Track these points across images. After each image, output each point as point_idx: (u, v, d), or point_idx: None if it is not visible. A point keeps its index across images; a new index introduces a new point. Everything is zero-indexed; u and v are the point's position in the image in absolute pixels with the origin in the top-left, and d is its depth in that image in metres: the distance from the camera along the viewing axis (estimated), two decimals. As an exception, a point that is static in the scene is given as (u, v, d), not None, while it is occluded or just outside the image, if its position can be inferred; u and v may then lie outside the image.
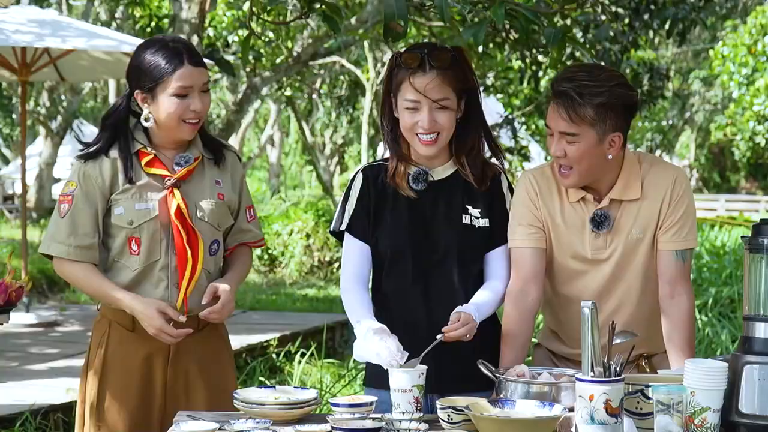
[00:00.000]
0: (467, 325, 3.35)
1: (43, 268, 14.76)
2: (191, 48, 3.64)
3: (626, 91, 3.37)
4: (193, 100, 3.58)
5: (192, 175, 3.68)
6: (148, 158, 3.65)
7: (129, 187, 3.62)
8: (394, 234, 3.58)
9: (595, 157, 3.38)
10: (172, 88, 3.56)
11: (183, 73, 3.56)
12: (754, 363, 2.92)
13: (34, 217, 23.87)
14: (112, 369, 3.67)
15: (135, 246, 3.63)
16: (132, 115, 3.70)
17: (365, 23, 11.38)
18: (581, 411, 2.81)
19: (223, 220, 3.73)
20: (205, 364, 3.71)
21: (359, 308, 3.52)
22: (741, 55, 29.61)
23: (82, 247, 3.63)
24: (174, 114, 3.58)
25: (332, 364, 9.32)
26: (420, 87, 3.47)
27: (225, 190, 3.73)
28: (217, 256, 3.74)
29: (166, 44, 3.60)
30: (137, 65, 3.62)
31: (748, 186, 45.60)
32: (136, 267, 3.64)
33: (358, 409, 3.14)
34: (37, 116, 24.10)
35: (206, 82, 3.63)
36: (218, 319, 3.65)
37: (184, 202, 3.62)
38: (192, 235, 3.62)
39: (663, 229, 3.45)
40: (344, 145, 40.20)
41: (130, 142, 3.66)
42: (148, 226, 3.61)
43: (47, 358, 9.12)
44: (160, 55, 3.57)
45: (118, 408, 3.64)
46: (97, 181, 3.63)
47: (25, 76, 10.71)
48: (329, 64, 25.63)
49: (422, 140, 3.52)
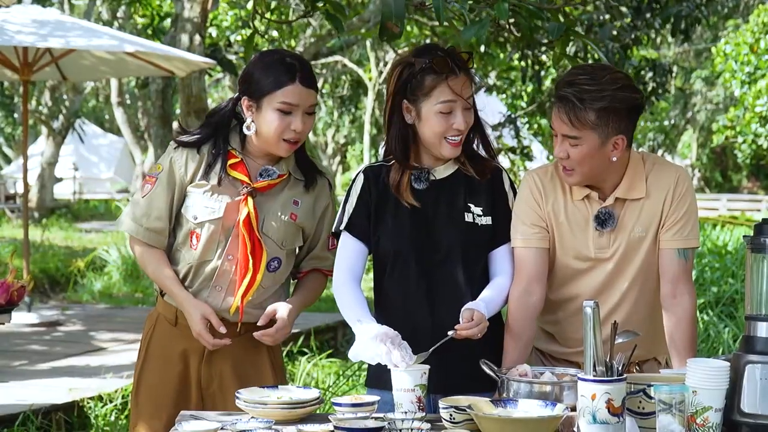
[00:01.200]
0: (480, 325, 3.35)
1: (45, 268, 14.78)
2: (306, 68, 3.62)
3: (629, 93, 3.36)
4: (295, 119, 3.58)
5: (272, 190, 3.69)
6: (234, 161, 3.67)
7: (205, 183, 3.66)
8: (396, 234, 3.58)
9: (598, 159, 3.38)
10: (277, 102, 3.56)
11: (291, 90, 3.56)
12: (756, 362, 2.92)
13: (36, 216, 23.90)
14: (152, 361, 3.79)
15: (195, 241, 3.67)
16: (234, 118, 3.72)
17: (367, 22, 11.37)
18: (583, 410, 2.81)
19: (289, 239, 3.72)
20: (240, 367, 3.72)
21: (356, 307, 3.51)
22: (743, 53, 29.59)
23: (151, 230, 3.70)
24: (275, 129, 3.58)
25: (334, 364, 9.33)
26: (457, 89, 3.50)
27: (301, 212, 3.72)
28: (276, 273, 3.73)
29: (283, 58, 3.61)
30: (251, 72, 3.63)
31: (750, 186, 45.62)
32: (191, 261, 3.69)
33: (361, 409, 3.14)
34: (39, 116, 24.12)
35: (313, 105, 3.63)
36: (271, 342, 3.67)
37: (255, 213, 3.62)
38: (257, 246, 3.63)
39: (665, 228, 3.46)
40: (346, 144, 40.25)
41: (225, 142, 3.69)
42: (209, 226, 3.65)
43: (49, 357, 9.13)
44: (275, 68, 3.57)
45: (155, 399, 3.72)
46: (181, 170, 3.68)
47: (27, 75, 10.72)
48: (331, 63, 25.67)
49: (451, 142, 3.54)
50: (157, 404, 3.71)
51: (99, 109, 43.30)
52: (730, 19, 31.72)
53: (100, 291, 14.00)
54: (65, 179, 32.89)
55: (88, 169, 36.95)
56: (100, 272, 15.08)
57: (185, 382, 3.73)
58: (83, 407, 7.27)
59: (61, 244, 18.93)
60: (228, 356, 3.71)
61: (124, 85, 19.78)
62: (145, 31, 15.17)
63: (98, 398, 7.40)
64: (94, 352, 9.48)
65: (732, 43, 30.09)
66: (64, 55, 10.78)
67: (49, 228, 22.04)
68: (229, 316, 3.67)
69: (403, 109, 3.56)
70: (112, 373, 8.10)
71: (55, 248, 17.98)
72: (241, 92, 3.67)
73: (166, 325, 3.77)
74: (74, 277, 14.86)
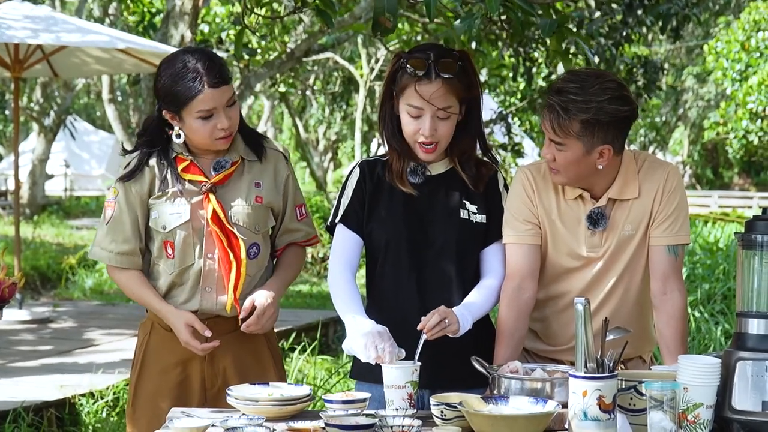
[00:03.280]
0: (443, 314, 3.32)
1: (36, 265, 14.76)
2: (211, 66, 3.54)
3: (617, 105, 3.30)
4: (219, 119, 3.54)
5: (230, 179, 3.67)
6: (185, 164, 3.64)
7: (164, 192, 3.63)
8: (390, 226, 3.57)
9: (584, 166, 3.37)
10: (195, 112, 3.53)
11: (203, 98, 3.51)
12: (747, 359, 2.92)
13: (27, 213, 23.84)
14: (149, 369, 3.74)
15: (170, 250, 3.65)
16: (166, 126, 3.67)
17: (359, 19, 11.36)
18: (574, 407, 2.81)
19: (261, 222, 3.70)
20: (243, 362, 3.71)
21: (350, 302, 3.50)
22: (734, 51, 29.63)
23: (122, 254, 3.67)
24: (202, 134, 3.56)
25: (325, 360, 9.32)
26: (425, 95, 3.45)
27: (265, 192, 3.70)
28: (258, 259, 3.71)
29: (185, 64, 3.53)
30: (162, 84, 3.58)
31: (741, 182, 45.68)
32: (172, 270, 3.66)
33: (352, 406, 3.14)
34: (30, 112, 24.04)
35: (230, 98, 3.57)
36: (258, 330, 3.65)
37: (220, 207, 3.61)
38: (233, 238, 3.62)
39: (655, 225, 3.45)
40: (338, 141, 40.22)
41: (168, 151, 3.66)
42: (180, 232, 3.62)
43: (40, 354, 9.11)
44: (182, 77, 3.51)
45: (153, 408, 3.68)
46: (135, 187, 3.65)
47: (18, 72, 10.70)
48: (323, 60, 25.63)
49: (422, 147, 3.52)
50: (155, 413, 3.66)
51: (90, 106, 43.23)
52: (722, 17, 31.77)
53: (92, 288, 13.99)
54: (56, 176, 32.81)
55: (80, 165, 36.88)
56: (91, 269, 15.06)
57: (186, 388, 3.69)
58: (74, 404, 7.27)
59: (52, 241, 18.91)
60: (228, 352, 3.69)
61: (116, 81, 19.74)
62: (136, 28, 15.13)
63: (89, 395, 7.40)
64: (86, 349, 9.47)
65: (723, 40, 30.13)
66: (56, 51, 10.75)
67: (40, 225, 22.01)
68: (226, 314, 3.66)
69: (393, 99, 3.57)
70: (103, 370, 8.10)
71: (46, 245, 17.96)
72: (159, 105, 3.63)
73: (162, 332, 3.73)
74: (65, 274, 14.85)
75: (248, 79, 12.67)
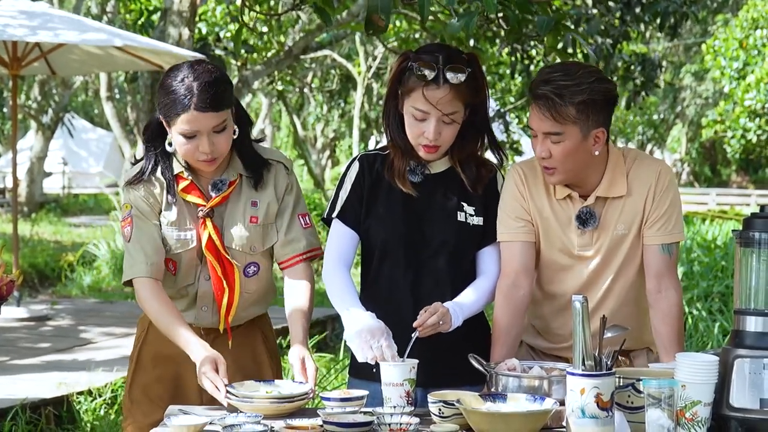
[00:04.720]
0: (437, 312, 3.34)
1: (34, 263, 14.76)
2: (206, 89, 3.40)
3: (605, 85, 3.37)
4: (201, 142, 3.44)
5: (228, 200, 3.61)
6: (185, 184, 3.58)
7: (170, 212, 3.58)
8: (387, 224, 3.58)
9: (581, 154, 3.38)
10: (178, 128, 3.44)
11: (187, 118, 3.41)
12: (745, 357, 2.93)
13: (25, 211, 23.86)
14: (146, 362, 3.74)
15: (171, 266, 3.62)
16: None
17: (356, 17, 11.36)
18: (572, 405, 2.81)
19: (258, 242, 3.63)
20: (240, 363, 3.69)
21: (345, 295, 3.51)
22: (732, 49, 29.63)
23: (155, 264, 3.55)
24: (184, 152, 3.49)
25: (324, 358, 9.32)
26: (432, 100, 3.44)
27: (261, 212, 3.62)
28: (257, 276, 3.67)
29: (182, 80, 3.42)
30: (159, 91, 3.50)
31: (739, 180, 45.72)
32: (172, 286, 3.64)
33: (350, 404, 3.14)
34: (28, 110, 24.04)
35: (219, 124, 3.44)
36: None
37: (216, 233, 3.56)
38: (227, 265, 3.58)
39: (648, 224, 3.46)
40: (336, 139, 40.22)
41: (172, 163, 3.60)
42: (185, 255, 3.60)
43: (38, 352, 9.10)
44: (173, 92, 3.42)
45: (149, 399, 3.69)
46: (148, 199, 3.59)
47: (16, 69, 10.68)
48: (321, 58, 25.66)
49: (424, 149, 3.52)
50: (151, 404, 3.66)
51: (88, 104, 43.19)
52: (720, 14, 31.77)
53: (90, 285, 13.97)
54: (54, 174, 32.82)
55: (78, 163, 36.88)
56: (89, 267, 15.05)
57: (182, 382, 3.68)
58: (72, 402, 7.25)
59: (50, 239, 18.90)
60: (226, 354, 3.66)
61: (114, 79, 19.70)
62: (134, 26, 15.13)
63: (87, 393, 7.39)
64: (84, 346, 9.47)
65: (721, 38, 30.13)
66: (54, 49, 10.74)
67: (38, 222, 22.00)
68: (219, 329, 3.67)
69: (398, 97, 3.56)
70: (101, 367, 8.09)
71: (44, 243, 17.95)
72: (158, 110, 3.57)
73: None
74: (63, 271, 14.84)
75: (246, 77, 12.66)
